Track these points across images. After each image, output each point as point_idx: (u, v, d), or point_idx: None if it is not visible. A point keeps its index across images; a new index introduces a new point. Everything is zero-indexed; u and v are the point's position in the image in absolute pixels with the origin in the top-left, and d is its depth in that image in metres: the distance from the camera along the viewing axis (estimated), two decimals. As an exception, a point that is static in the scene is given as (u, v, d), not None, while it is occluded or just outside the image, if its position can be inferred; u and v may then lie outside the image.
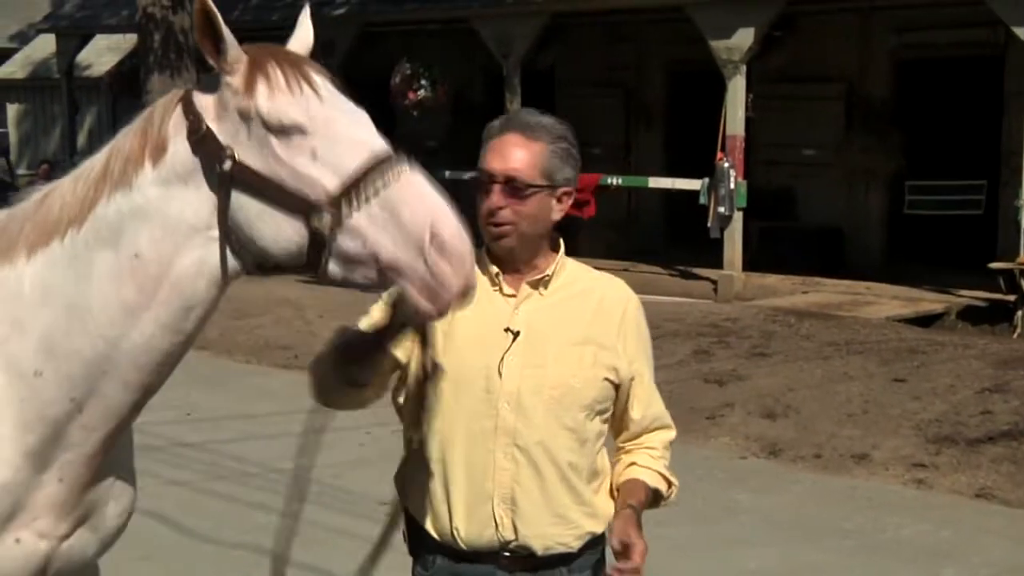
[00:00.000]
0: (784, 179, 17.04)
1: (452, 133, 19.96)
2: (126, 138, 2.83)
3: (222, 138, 2.70)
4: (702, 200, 15.33)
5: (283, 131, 2.65)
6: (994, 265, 13.73)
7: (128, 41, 21.20)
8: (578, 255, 3.65)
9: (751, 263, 15.34)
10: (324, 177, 2.61)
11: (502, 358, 3.03)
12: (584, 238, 16.75)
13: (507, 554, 3.01)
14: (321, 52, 16.63)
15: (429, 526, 3.06)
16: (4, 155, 24.39)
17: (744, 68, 15.07)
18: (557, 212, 3.11)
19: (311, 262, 2.66)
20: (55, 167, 22.78)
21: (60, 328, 2.75)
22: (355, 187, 2.59)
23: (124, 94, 21.92)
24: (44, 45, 27.71)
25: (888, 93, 16.72)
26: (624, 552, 2.89)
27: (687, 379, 10.00)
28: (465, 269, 2.53)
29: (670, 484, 3.19)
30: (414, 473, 3.07)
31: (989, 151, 15.35)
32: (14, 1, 35.15)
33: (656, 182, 16.83)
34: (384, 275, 2.60)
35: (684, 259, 16.28)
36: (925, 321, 13.20)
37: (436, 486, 3.01)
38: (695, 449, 8.59)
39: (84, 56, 25.11)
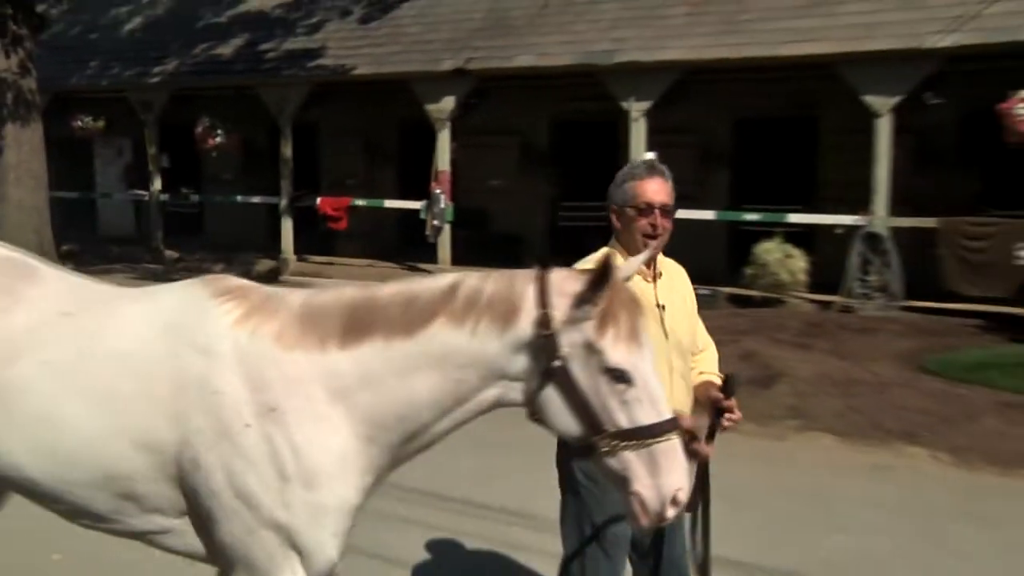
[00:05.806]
0: (479, 201, 17.88)
1: (243, 169, 20.66)
2: (478, 287, 2.87)
3: (563, 344, 2.74)
4: (422, 216, 16.44)
5: (613, 375, 2.72)
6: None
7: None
8: (338, 255, 4.04)
9: (458, 260, 16.08)
10: (621, 419, 2.72)
11: (663, 323, 3.62)
12: (342, 244, 18.70)
13: None
14: (141, 109, 19.38)
15: None
16: None
17: (449, 124, 16.28)
18: None
19: (576, 448, 2.83)
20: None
21: (382, 410, 2.92)
22: (639, 437, 2.71)
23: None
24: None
25: (548, 144, 17.96)
26: (724, 411, 3.59)
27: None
28: (673, 515, 2.75)
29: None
30: None
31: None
32: None
33: (390, 203, 17.83)
34: (619, 487, 2.77)
35: (412, 258, 17.11)
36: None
37: None
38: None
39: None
